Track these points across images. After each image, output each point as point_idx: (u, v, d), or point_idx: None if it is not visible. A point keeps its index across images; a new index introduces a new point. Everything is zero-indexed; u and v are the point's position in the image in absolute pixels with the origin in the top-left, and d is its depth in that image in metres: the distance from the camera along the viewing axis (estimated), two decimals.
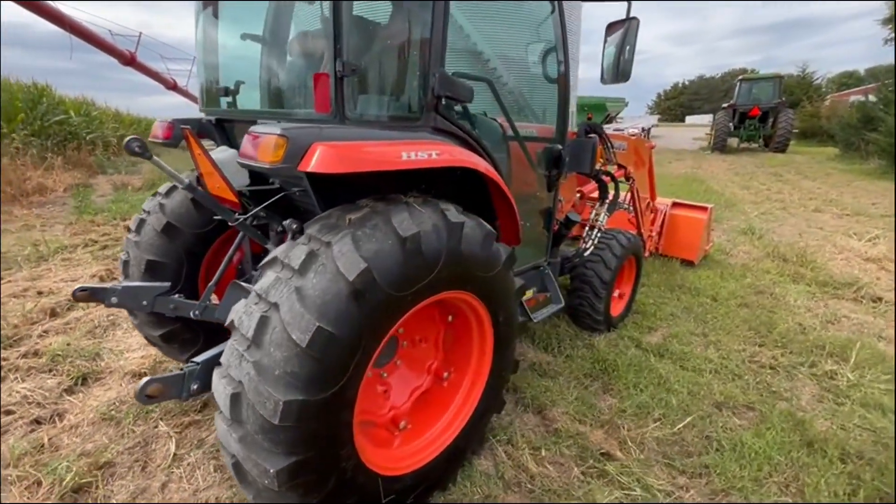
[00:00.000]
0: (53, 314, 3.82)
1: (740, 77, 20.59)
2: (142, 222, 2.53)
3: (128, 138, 1.57)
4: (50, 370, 3.03)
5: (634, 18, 2.53)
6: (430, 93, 1.84)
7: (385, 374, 2.13)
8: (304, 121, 1.77)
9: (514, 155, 2.58)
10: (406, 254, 1.55)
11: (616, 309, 3.79)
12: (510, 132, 2.50)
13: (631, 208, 4.43)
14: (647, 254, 4.94)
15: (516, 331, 2.26)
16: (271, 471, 1.37)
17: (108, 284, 2.27)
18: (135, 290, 2.28)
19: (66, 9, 9.52)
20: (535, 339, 3.47)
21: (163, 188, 2.61)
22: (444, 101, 1.91)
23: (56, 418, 2.58)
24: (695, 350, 3.36)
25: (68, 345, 3.28)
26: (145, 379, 1.50)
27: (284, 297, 1.42)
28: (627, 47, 2.58)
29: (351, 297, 1.42)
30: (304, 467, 1.42)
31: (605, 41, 2.69)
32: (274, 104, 2.03)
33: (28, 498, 2.05)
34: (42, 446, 2.36)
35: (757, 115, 18.79)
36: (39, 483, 2.11)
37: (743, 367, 3.14)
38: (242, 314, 1.48)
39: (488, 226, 1.93)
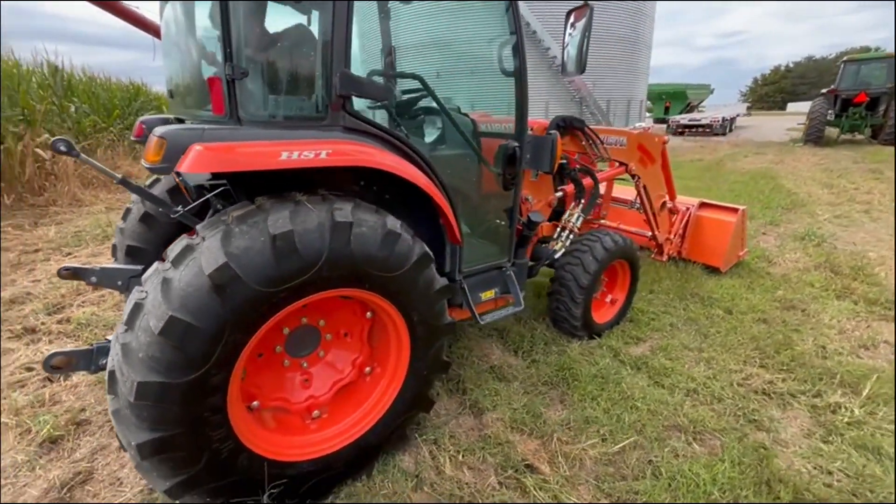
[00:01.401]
0: (96, 288, 4.40)
1: (845, 58, 17.91)
2: (128, 211, 2.84)
3: (54, 139, 1.78)
4: (73, 335, 3.52)
5: (590, 5, 2.34)
6: (333, 92, 1.86)
7: (305, 364, 2.22)
8: (211, 122, 1.88)
9: (461, 153, 2.52)
10: (276, 251, 1.60)
11: (604, 315, 3.57)
12: (470, 129, 2.44)
13: (639, 207, 4.13)
14: (664, 258, 4.57)
15: (441, 332, 2.23)
16: (133, 444, 1.51)
17: (89, 265, 2.58)
18: (112, 272, 2.57)
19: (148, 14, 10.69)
20: (507, 340, 3.39)
21: (149, 181, 2.90)
22: (350, 101, 1.92)
23: (62, 378, 3.00)
24: (680, 366, 3.07)
25: (94, 315, 3.78)
26: (52, 351, 1.72)
27: (153, 286, 1.54)
28: (587, 35, 2.39)
29: (212, 290, 1.51)
30: (168, 444, 1.55)
31: (567, 29, 2.52)
32: (194, 106, 2.17)
33: (19, 442, 2.42)
34: (44, 401, 2.76)
35: (863, 101, 16.23)
36: (29, 431, 2.49)
37: (728, 390, 2.82)
38: (130, 300, 1.64)
39: (394, 226, 1.92)
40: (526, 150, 2.69)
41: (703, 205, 4.77)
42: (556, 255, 3.15)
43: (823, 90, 17.69)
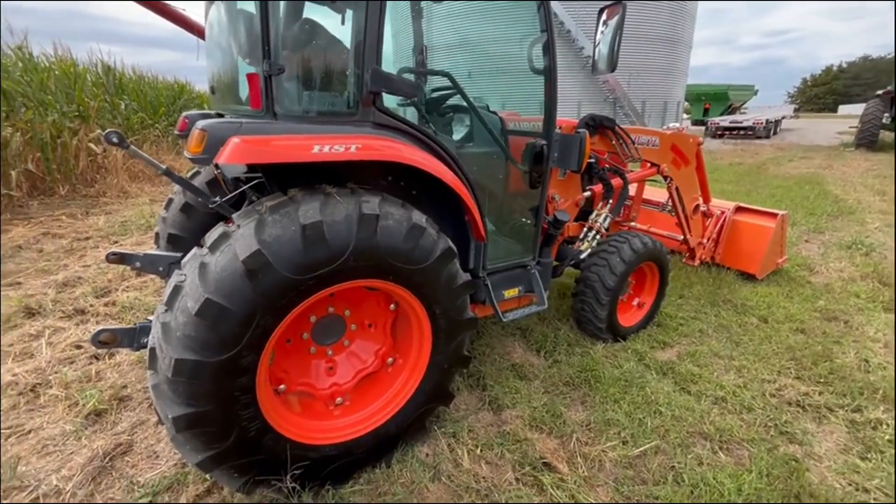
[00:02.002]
0: (139, 274, 4.66)
1: None
2: (170, 201, 3.00)
3: (106, 132, 1.91)
4: (117, 317, 3.74)
5: (623, 3, 2.31)
6: (364, 89, 1.91)
7: (331, 352, 2.30)
8: (249, 117, 1.97)
9: (488, 151, 2.54)
10: (306, 240, 1.67)
11: (631, 319, 3.51)
12: (498, 127, 2.46)
13: (670, 210, 4.02)
14: (696, 262, 4.44)
15: (462, 326, 2.26)
16: (169, 416, 1.61)
17: (134, 252, 2.74)
18: (154, 258, 2.72)
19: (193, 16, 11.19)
20: (529, 339, 3.38)
21: (189, 173, 3.05)
22: (380, 97, 1.97)
23: (108, 357, 3.20)
24: (708, 373, 2.99)
25: (137, 299, 4.00)
26: (99, 327, 1.84)
27: (192, 270, 1.63)
28: (619, 33, 2.37)
29: (245, 275, 1.59)
30: (201, 419, 1.64)
31: (599, 27, 2.49)
32: (232, 101, 2.27)
33: (67, 413, 2.61)
34: (90, 377, 2.96)
35: None
36: (76, 403, 2.67)
37: (759, 400, 2.72)
38: (170, 283, 1.74)
39: (420, 220, 1.96)
40: (553, 149, 2.68)
41: (739, 209, 4.60)
42: (582, 256, 3.12)
43: (879, 91, 16.62)
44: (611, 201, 3.14)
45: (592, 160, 2.97)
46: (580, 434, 2.43)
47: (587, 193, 3.22)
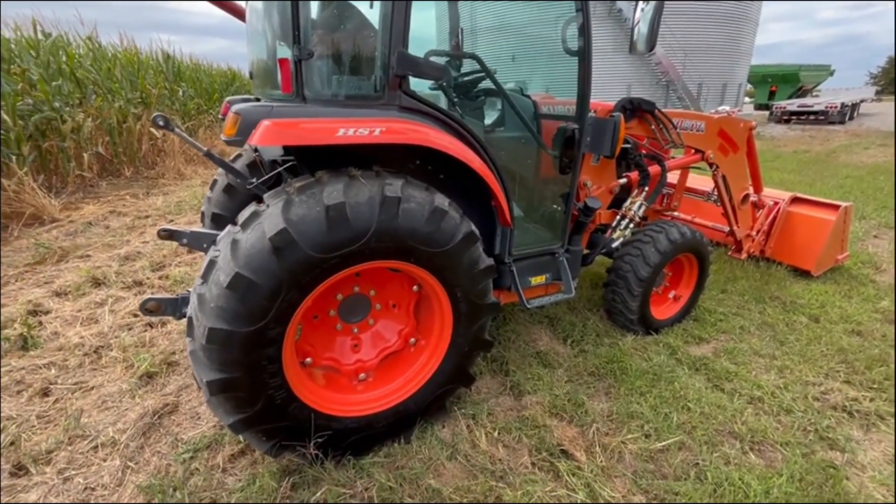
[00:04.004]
0: (191, 251, 5.00)
1: None
2: (214, 182, 3.18)
3: (154, 115, 2.05)
4: (170, 290, 4.05)
5: None
6: (390, 72, 1.94)
7: (356, 330, 2.38)
8: (280, 101, 2.04)
9: (518, 135, 2.50)
10: (329, 220, 1.73)
11: (665, 312, 3.39)
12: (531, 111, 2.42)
13: (716, 200, 3.81)
14: (743, 255, 4.19)
15: (483, 310, 2.27)
16: (204, 381, 1.74)
17: (182, 229, 2.94)
18: (199, 235, 2.90)
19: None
20: (557, 328, 3.34)
21: (234, 155, 3.22)
22: (406, 81, 1.99)
23: (160, 325, 3.48)
24: (745, 372, 2.84)
25: (187, 274, 4.30)
26: (147, 296, 2.01)
27: (225, 246, 1.74)
28: (660, 11, 2.24)
29: (271, 252, 1.68)
30: (232, 384, 1.76)
31: (638, 4, 2.37)
32: (269, 86, 2.35)
33: (124, 374, 2.88)
34: (145, 342, 3.24)
35: None
36: (132, 366, 2.94)
37: (800, 403, 2.57)
38: (207, 257, 1.86)
39: (442, 203, 1.98)
40: (586, 133, 2.60)
41: (795, 200, 4.27)
42: (614, 245, 3.02)
43: None
44: (647, 189, 3.01)
45: (629, 146, 2.86)
46: (601, 424, 2.40)
47: (623, 180, 3.10)
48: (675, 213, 4.63)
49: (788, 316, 3.53)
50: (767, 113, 23.48)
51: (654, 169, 3.08)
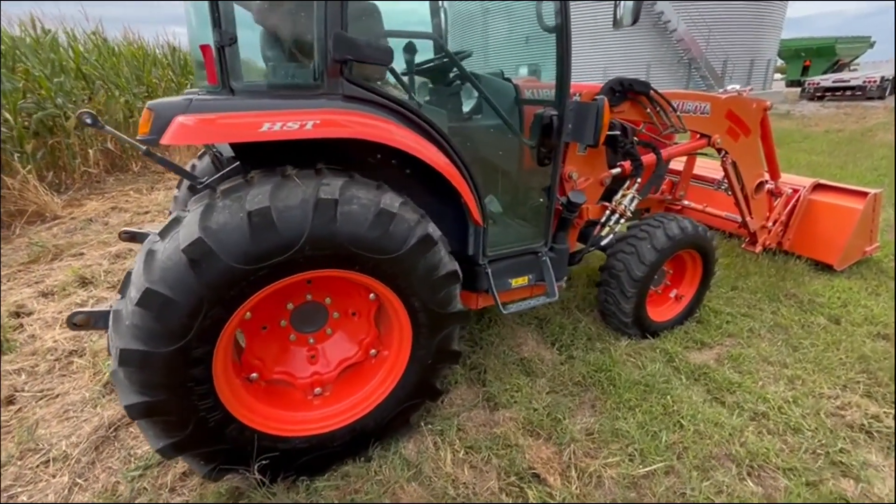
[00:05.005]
0: None
1: None
2: (181, 181, 3.04)
3: (80, 112, 1.89)
4: None
5: None
6: (328, 57, 1.72)
7: (313, 340, 2.21)
8: (212, 94, 1.85)
9: (490, 124, 2.25)
10: (253, 228, 1.55)
11: (665, 313, 3.11)
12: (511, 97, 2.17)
13: (727, 188, 3.47)
14: (758, 248, 3.84)
15: (448, 320, 2.07)
16: (124, 404, 1.60)
17: (148, 230, 2.82)
18: None
19: None
20: (545, 331, 3.10)
21: (200, 154, 3.07)
22: (350, 67, 1.77)
23: None
24: (751, 382, 2.56)
25: None
26: (76, 310, 1.88)
27: (139, 257, 1.58)
28: None
29: (187, 265, 1.51)
30: (154, 409, 1.61)
31: None
32: (201, 77, 2.15)
33: (90, 381, 2.79)
34: None
35: None
36: (99, 372, 2.85)
37: (811, 420, 2.29)
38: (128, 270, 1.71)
39: (390, 204, 1.77)
40: (567, 120, 2.33)
41: (819, 186, 3.88)
42: (603, 242, 2.75)
43: None
44: (639, 180, 2.71)
45: (617, 132, 2.57)
46: (581, 443, 2.18)
47: (615, 171, 2.81)
48: (686, 203, 4.30)
49: (805, 317, 3.20)
50: (799, 90, 22.17)
51: (647, 158, 2.77)
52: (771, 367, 2.72)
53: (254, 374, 2.03)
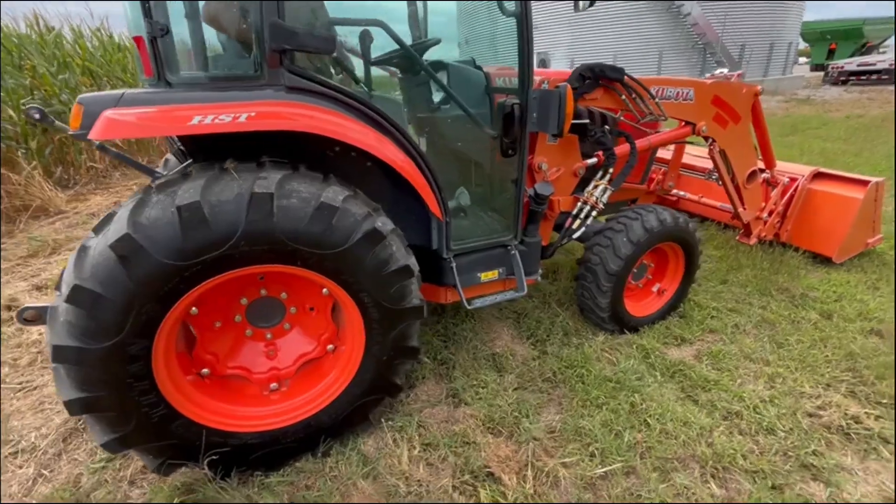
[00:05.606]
0: None
1: None
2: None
3: (27, 107, 1.88)
4: None
5: None
6: (265, 47, 1.67)
7: (270, 336, 2.19)
8: (151, 88, 1.82)
9: (452, 114, 2.18)
10: (183, 223, 1.52)
11: (646, 308, 3.02)
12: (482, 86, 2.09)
13: (717, 178, 3.34)
14: (752, 240, 3.69)
15: (402, 316, 2.03)
16: (63, 399, 1.60)
17: None
18: None
19: None
20: (522, 325, 3.04)
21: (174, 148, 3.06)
22: (291, 56, 1.72)
23: None
24: (728, 380, 2.46)
25: None
26: (25, 305, 1.89)
27: (73, 254, 1.57)
28: None
29: (117, 261, 1.49)
30: (94, 404, 1.62)
31: None
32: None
33: None
34: None
35: None
36: None
37: (786, 420, 2.19)
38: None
39: (332, 198, 1.72)
40: (532, 109, 2.24)
41: (818, 175, 3.70)
42: (575, 235, 2.66)
43: None
44: (610, 171, 2.60)
45: (586, 121, 2.46)
46: (540, 442, 2.12)
47: (592, 161, 2.71)
48: (682, 193, 4.17)
49: (795, 312, 3.06)
50: (823, 74, 21.31)
51: (621, 148, 2.66)
52: (752, 364, 2.61)
53: (205, 370, 2.02)
